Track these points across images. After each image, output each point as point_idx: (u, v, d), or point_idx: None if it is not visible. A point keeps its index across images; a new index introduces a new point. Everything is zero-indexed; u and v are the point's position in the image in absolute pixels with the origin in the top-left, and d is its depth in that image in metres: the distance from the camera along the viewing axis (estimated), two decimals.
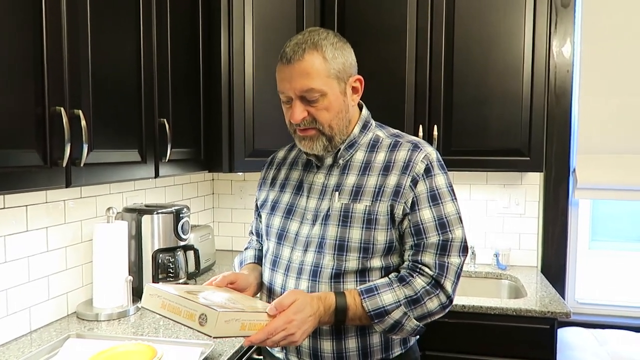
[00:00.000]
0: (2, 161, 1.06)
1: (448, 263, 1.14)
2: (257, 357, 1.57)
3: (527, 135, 2.10)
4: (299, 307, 1.02)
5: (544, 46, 2.08)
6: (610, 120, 2.31)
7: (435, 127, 2.15)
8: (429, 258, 1.14)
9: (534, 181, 2.45)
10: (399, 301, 1.11)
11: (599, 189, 2.33)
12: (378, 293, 1.10)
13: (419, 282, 1.12)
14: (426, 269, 1.13)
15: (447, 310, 1.16)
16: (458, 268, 1.15)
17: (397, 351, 1.21)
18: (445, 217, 1.15)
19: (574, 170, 2.38)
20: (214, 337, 0.94)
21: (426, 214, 1.15)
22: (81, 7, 1.28)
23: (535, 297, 2.01)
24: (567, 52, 2.36)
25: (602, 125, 2.32)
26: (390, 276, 1.16)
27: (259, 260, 1.39)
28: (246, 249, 1.47)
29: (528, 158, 2.11)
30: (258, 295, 1.30)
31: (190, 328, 0.96)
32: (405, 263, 1.17)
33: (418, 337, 1.26)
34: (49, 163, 1.17)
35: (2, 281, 1.46)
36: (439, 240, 1.14)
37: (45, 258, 1.62)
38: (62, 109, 1.19)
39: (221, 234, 2.82)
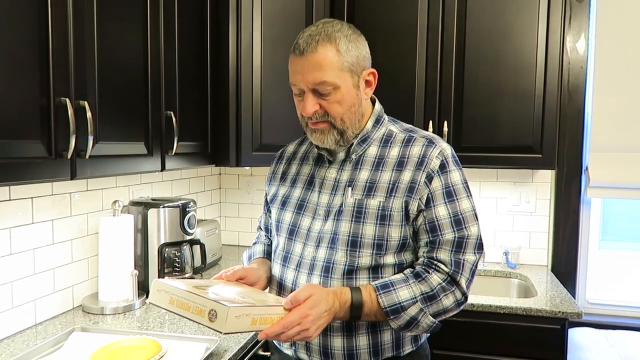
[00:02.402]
0: (7, 152, 1.05)
1: (464, 260, 1.12)
2: (262, 353, 1.55)
3: (539, 132, 2.06)
4: (314, 302, 1.01)
5: (557, 42, 2.04)
6: (624, 117, 2.27)
7: (446, 123, 2.12)
8: (444, 255, 1.12)
9: (545, 179, 2.41)
10: (415, 297, 1.09)
11: (611, 187, 2.29)
12: (394, 289, 1.09)
13: (435, 279, 1.11)
14: (442, 266, 1.12)
15: (461, 307, 1.15)
16: (473, 265, 1.14)
17: (407, 349, 1.20)
18: (461, 214, 1.14)
19: (587, 168, 2.34)
20: (224, 333, 0.92)
21: (441, 211, 1.13)
22: None
23: (545, 296, 1.98)
24: (581, 48, 2.31)
25: (615, 123, 2.28)
26: (405, 272, 1.14)
27: (267, 255, 1.37)
28: (255, 244, 1.45)
29: (540, 155, 2.07)
30: (267, 289, 1.28)
31: (200, 324, 0.94)
32: (420, 259, 1.16)
33: (429, 334, 1.24)
34: (53, 154, 1.16)
35: (7, 273, 1.46)
36: (455, 237, 1.12)
37: (51, 251, 1.61)
38: (67, 100, 1.17)
39: (228, 229, 2.81)
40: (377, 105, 1.26)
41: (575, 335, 2.11)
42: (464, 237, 1.13)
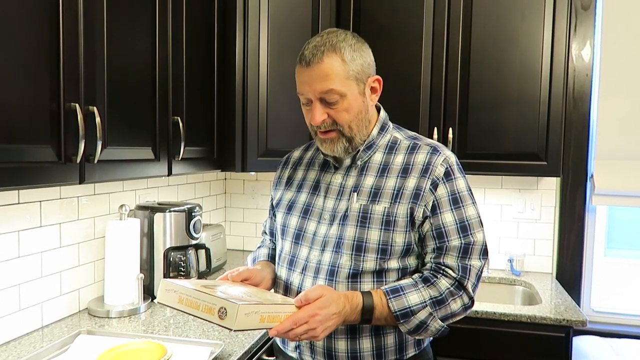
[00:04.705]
0: (17, 156, 1.06)
1: (470, 265, 1.15)
2: (267, 358, 1.56)
3: (544, 139, 2.07)
4: (324, 303, 1.03)
5: (563, 49, 2.04)
6: (629, 125, 2.27)
7: (451, 129, 2.13)
8: (451, 261, 1.15)
9: (550, 186, 2.41)
10: (424, 302, 1.11)
11: (617, 195, 2.28)
12: (404, 293, 1.11)
13: (444, 284, 1.13)
14: (449, 271, 1.14)
15: (468, 311, 1.17)
16: (479, 270, 1.16)
17: (410, 352, 1.21)
18: (467, 221, 1.16)
19: (592, 175, 2.33)
20: (234, 330, 0.93)
21: (448, 217, 1.15)
22: (97, 4, 1.28)
23: (550, 304, 1.98)
24: (586, 56, 2.31)
25: (621, 130, 2.28)
26: (414, 277, 1.16)
27: (272, 259, 1.39)
28: (259, 247, 1.47)
29: (545, 162, 2.08)
30: (272, 290, 1.29)
31: (209, 322, 0.96)
32: (428, 265, 1.18)
33: (432, 339, 1.26)
34: (63, 159, 1.17)
35: (15, 276, 1.47)
36: (461, 243, 1.15)
37: (58, 254, 1.62)
38: (77, 105, 1.19)
39: (233, 234, 2.82)
40: (382, 112, 1.28)
41: (580, 344, 2.10)
42: (470, 243, 1.15)
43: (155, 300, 1.16)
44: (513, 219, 2.46)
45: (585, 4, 2.30)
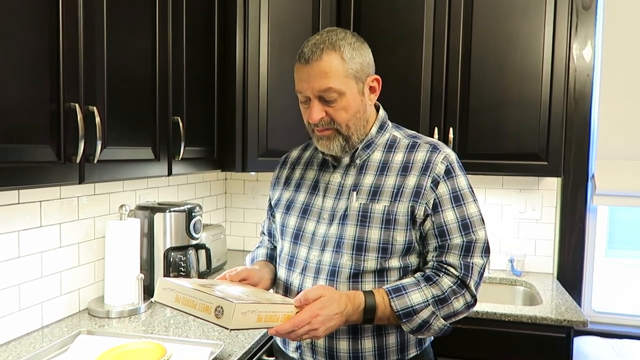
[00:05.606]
0: (17, 156, 1.06)
1: (472, 263, 1.14)
2: (267, 358, 1.55)
3: (545, 139, 2.06)
4: (325, 303, 1.02)
5: (564, 49, 2.04)
6: (631, 125, 2.26)
7: (451, 129, 2.13)
8: (453, 259, 1.14)
9: (551, 186, 2.41)
10: (427, 301, 1.11)
11: (618, 195, 2.28)
12: (406, 293, 1.11)
13: (446, 282, 1.13)
14: (452, 269, 1.14)
15: (471, 310, 1.17)
16: (481, 268, 1.16)
17: (412, 352, 1.21)
18: (468, 218, 1.16)
19: (593, 175, 2.33)
20: (230, 330, 0.93)
21: (449, 216, 1.15)
22: (97, 4, 1.28)
23: (551, 304, 1.97)
24: (587, 56, 2.31)
25: (622, 130, 2.27)
26: (416, 276, 1.16)
27: (270, 259, 1.38)
28: (258, 247, 1.46)
29: (545, 163, 2.07)
30: (271, 290, 1.29)
31: (206, 321, 0.95)
32: (430, 263, 1.17)
33: (432, 338, 1.25)
34: (62, 159, 1.17)
35: (15, 276, 1.47)
36: (463, 241, 1.14)
37: (58, 254, 1.62)
38: (76, 105, 1.19)
39: (233, 234, 2.82)
40: (382, 111, 1.28)
41: (581, 344, 2.10)
42: (472, 241, 1.15)
43: (152, 299, 1.16)
44: (514, 219, 2.45)
45: (586, 3, 2.30)
